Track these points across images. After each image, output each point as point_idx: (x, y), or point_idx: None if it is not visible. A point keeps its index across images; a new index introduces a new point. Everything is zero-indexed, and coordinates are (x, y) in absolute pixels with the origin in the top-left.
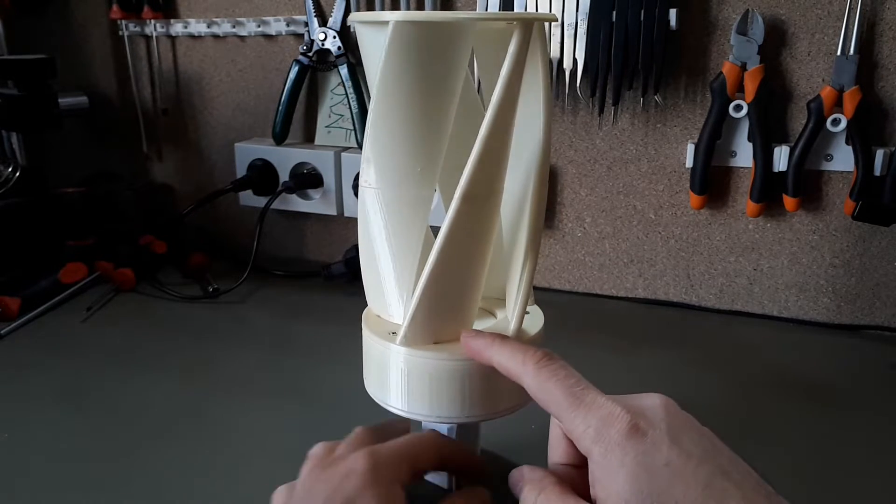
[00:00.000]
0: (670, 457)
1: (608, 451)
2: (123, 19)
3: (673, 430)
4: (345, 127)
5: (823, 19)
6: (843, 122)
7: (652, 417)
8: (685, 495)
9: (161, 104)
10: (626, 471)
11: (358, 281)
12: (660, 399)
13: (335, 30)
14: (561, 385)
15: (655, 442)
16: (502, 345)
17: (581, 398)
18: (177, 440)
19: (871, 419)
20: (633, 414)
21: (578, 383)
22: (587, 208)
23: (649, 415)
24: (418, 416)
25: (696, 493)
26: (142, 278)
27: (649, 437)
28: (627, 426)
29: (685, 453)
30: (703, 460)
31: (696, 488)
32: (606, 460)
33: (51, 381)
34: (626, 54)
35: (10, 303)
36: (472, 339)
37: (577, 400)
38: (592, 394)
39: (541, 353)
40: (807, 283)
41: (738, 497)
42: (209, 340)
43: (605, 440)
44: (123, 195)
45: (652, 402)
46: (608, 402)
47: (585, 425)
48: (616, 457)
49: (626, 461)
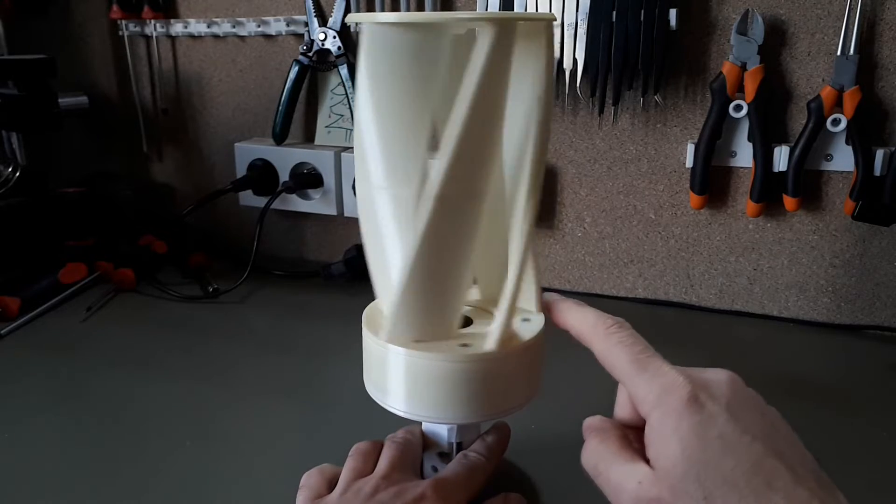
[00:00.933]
0: (725, 430)
1: (665, 416)
2: (123, 19)
3: (733, 405)
4: (345, 127)
5: (823, 19)
6: (843, 122)
7: (714, 391)
8: (733, 469)
9: (161, 104)
10: (679, 437)
11: (358, 281)
12: (725, 375)
13: (335, 30)
14: (628, 351)
15: (713, 414)
16: (581, 308)
17: (645, 365)
18: (176, 440)
19: (871, 419)
20: (696, 385)
21: (645, 350)
22: (587, 208)
23: (713, 388)
24: (418, 417)
25: (744, 467)
26: (142, 278)
27: (707, 408)
28: (687, 395)
29: (741, 429)
30: (757, 438)
31: (746, 463)
32: (662, 425)
33: (51, 381)
34: (626, 54)
35: (10, 303)
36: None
37: (641, 366)
38: (657, 362)
39: (612, 320)
40: (807, 283)
41: (787, 478)
42: (209, 340)
43: (663, 406)
44: (123, 195)
45: (717, 376)
46: (672, 370)
47: (647, 390)
48: (671, 423)
49: (680, 427)
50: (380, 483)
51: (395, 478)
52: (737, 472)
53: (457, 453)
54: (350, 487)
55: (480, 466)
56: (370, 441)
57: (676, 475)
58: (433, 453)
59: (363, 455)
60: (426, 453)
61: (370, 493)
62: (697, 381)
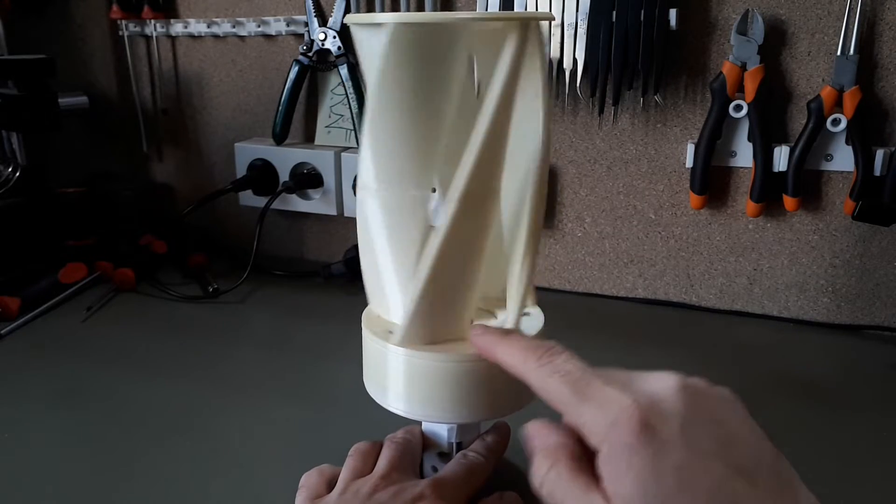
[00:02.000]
0: (682, 459)
1: (617, 450)
2: (123, 19)
3: (687, 423)
4: (345, 127)
5: (823, 19)
6: (843, 122)
7: (666, 410)
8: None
9: (161, 104)
10: (634, 473)
11: (358, 281)
12: (675, 382)
13: (335, 30)
14: (564, 381)
15: (666, 441)
16: (508, 342)
17: (586, 392)
18: (176, 440)
19: (872, 419)
20: (645, 408)
21: (583, 376)
22: (587, 208)
23: (664, 406)
24: (418, 416)
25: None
26: (142, 278)
27: (660, 435)
28: (638, 425)
29: (697, 452)
30: (716, 457)
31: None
32: (615, 459)
33: (51, 381)
34: (626, 54)
35: (10, 303)
36: (479, 336)
37: (582, 396)
38: (598, 384)
39: (543, 348)
40: (807, 283)
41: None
42: (209, 340)
43: (613, 439)
44: (123, 195)
45: (666, 386)
46: (616, 393)
47: (593, 423)
48: (624, 457)
49: (634, 462)
50: (379, 483)
51: (394, 478)
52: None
53: (456, 453)
54: (349, 487)
55: (480, 466)
56: (370, 441)
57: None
58: (433, 453)
59: (362, 455)
60: (426, 453)
61: (369, 493)
62: (646, 402)
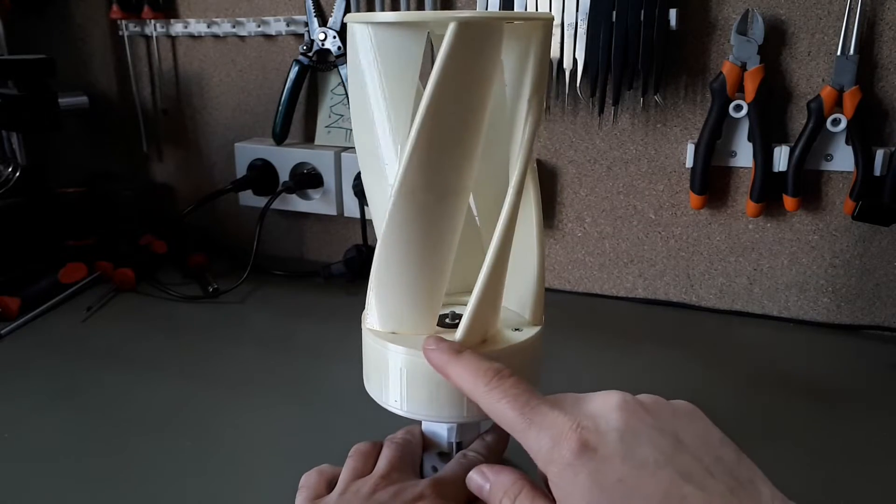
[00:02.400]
0: (622, 472)
1: (561, 471)
2: (123, 19)
3: (626, 437)
4: (345, 127)
5: (823, 19)
6: (843, 122)
7: (604, 427)
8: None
9: (161, 104)
10: (580, 491)
11: (358, 281)
12: (615, 399)
13: (335, 30)
14: (511, 404)
15: (606, 457)
16: (458, 363)
17: (531, 417)
18: (177, 440)
19: (872, 419)
20: (584, 427)
21: (529, 400)
22: (587, 208)
23: (601, 424)
24: (418, 416)
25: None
26: (142, 278)
27: (599, 452)
28: (577, 444)
29: (638, 464)
30: (659, 466)
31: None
32: (562, 480)
33: (51, 381)
34: (626, 54)
35: (10, 303)
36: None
37: (527, 419)
38: (543, 409)
39: (492, 370)
40: (807, 283)
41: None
42: (209, 340)
43: (557, 460)
44: (123, 195)
45: (605, 404)
46: (559, 416)
47: (538, 446)
48: (569, 477)
49: (578, 481)
50: (379, 483)
51: (394, 477)
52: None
53: (456, 453)
54: (349, 487)
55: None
56: (370, 442)
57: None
58: (433, 453)
59: (362, 455)
60: (426, 453)
61: (369, 493)
62: (586, 420)
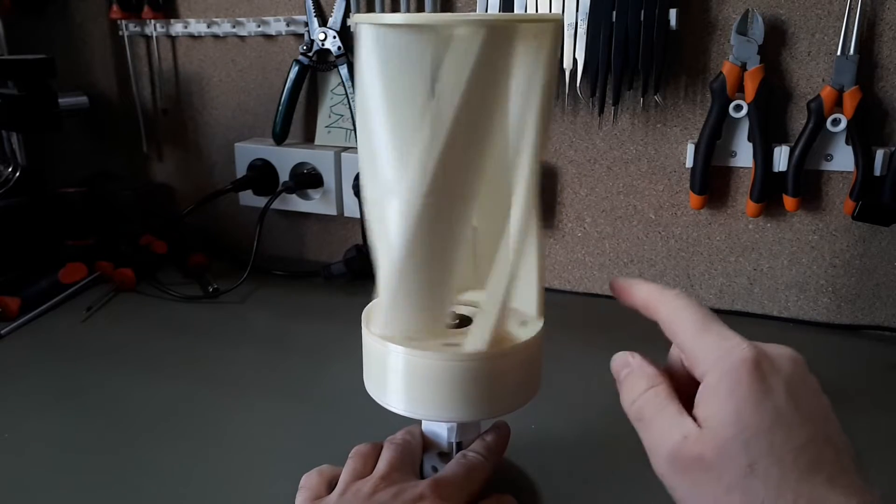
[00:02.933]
0: (780, 404)
1: (724, 376)
2: (123, 19)
3: (793, 383)
4: (345, 127)
5: (823, 19)
6: (843, 122)
7: (777, 365)
8: (783, 443)
9: (161, 104)
10: (736, 399)
11: (358, 281)
12: (790, 352)
13: (335, 30)
14: (693, 312)
15: (771, 386)
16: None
17: (710, 326)
18: (176, 440)
19: (872, 419)
20: (760, 354)
21: (710, 315)
22: (587, 208)
23: (776, 361)
24: (418, 416)
25: (794, 444)
26: (142, 278)
27: (767, 379)
28: (751, 361)
29: (796, 407)
30: (810, 420)
31: (796, 440)
32: (720, 384)
33: (51, 381)
34: (626, 54)
35: (10, 303)
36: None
37: (706, 327)
38: (722, 326)
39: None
40: (807, 283)
41: (833, 464)
42: (209, 340)
43: (723, 366)
44: (123, 195)
45: (782, 352)
46: (737, 336)
47: (709, 350)
48: (729, 383)
49: (737, 390)
50: (379, 483)
51: (394, 478)
52: (785, 448)
53: (456, 453)
54: (349, 488)
55: (479, 466)
56: (370, 443)
57: (725, 436)
58: (433, 453)
59: (362, 456)
60: (426, 454)
61: (369, 494)
62: (762, 351)
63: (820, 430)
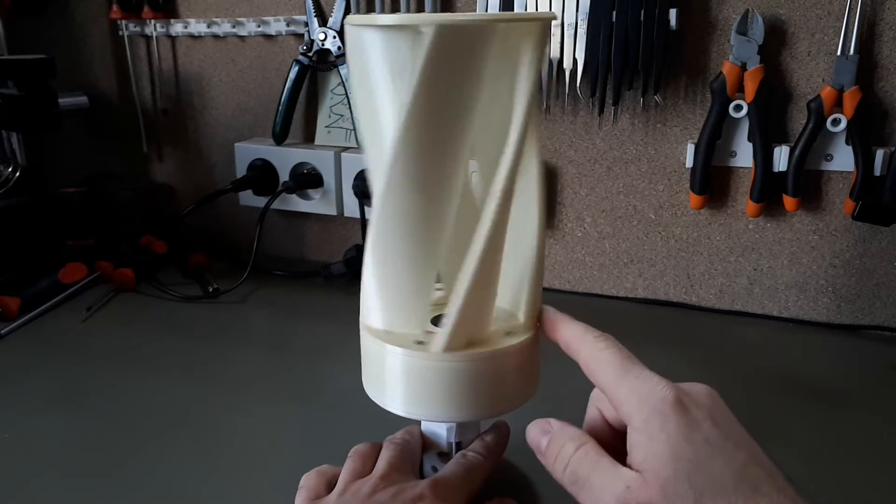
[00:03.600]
0: (711, 435)
1: (651, 417)
2: (123, 19)
3: (714, 414)
4: (345, 127)
5: (823, 19)
6: (843, 122)
7: (696, 399)
8: (722, 471)
9: (161, 104)
10: (668, 436)
11: (358, 281)
12: (705, 387)
13: (335, 30)
14: (613, 356)
15: (697, 419)
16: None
17: (629, 369)
18: (176, 440)
19: (871, 419)
20: (680, 389)
21: (629, 358)
22: (587, 208)
23: (694, 396)
24: (417, 416)
25: (732, 470)
26: (142, 278)
27: (692, 413)
28: (672, 398)
29: (724, 435)
30: (740, 445)
31: (733, 467)
32: (648, 425)
33: (51, 381)
34: (626, 54)
35: (10, 303)
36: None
37: (626, 370)
38: (641, 368)
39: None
40: (807, 283)
41: (771, 485)
42: (209, 340)
43: (648, 407)
44: (123, 195)
45: (698, 388)
46: (656, 376)
47: (630, 392)
48: (658, 423)
49: (667, 428)
50: (378, 483)
51: (394, 478)
52: (725, 475)
53: (456, 453)
54: (349, 488)
55: (479, 466)
56: (369, 443)
57: (667, 475)
58: (433, 453)
59: (362, 456)
60: (426, 454)
61: (368, 494)
62: (680, 388)
63: (750, 454)
